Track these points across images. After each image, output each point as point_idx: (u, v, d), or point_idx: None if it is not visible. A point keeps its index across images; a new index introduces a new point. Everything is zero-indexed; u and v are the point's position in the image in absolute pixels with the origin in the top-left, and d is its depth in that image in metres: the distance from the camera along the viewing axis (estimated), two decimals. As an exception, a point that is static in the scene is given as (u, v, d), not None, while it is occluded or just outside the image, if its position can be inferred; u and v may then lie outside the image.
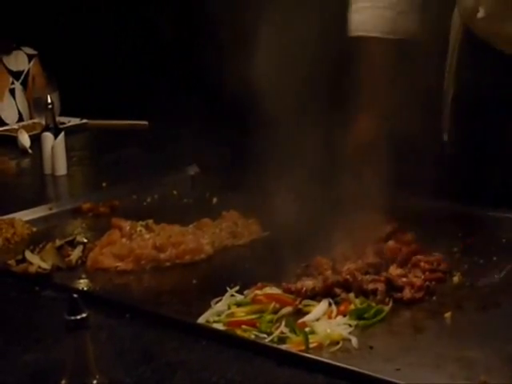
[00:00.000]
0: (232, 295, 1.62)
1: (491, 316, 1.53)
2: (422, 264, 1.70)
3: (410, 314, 1.55)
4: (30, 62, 3.62)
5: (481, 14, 1.96)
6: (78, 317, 1.16)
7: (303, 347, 1.41)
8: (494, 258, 1.78)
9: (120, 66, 3.69)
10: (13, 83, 3.60)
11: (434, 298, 1.61)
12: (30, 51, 3.63)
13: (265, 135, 1.93)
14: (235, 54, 2.04)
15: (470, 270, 1.72)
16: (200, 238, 1.91)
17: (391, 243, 1.79)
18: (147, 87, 3.55)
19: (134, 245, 1.88)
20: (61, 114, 3.43)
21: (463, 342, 1.42)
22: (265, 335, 1.46)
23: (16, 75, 3.60)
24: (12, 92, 3.59)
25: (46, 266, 1.82)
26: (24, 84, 3.61)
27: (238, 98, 2.14)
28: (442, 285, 1.67)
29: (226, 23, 2.12)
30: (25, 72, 3.61)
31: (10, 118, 3.55)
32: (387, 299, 1.58)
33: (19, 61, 3.61)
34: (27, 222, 2.15)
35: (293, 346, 1.42)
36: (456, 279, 1.68)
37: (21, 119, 3.57)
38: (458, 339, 1.43)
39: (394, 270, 1.67)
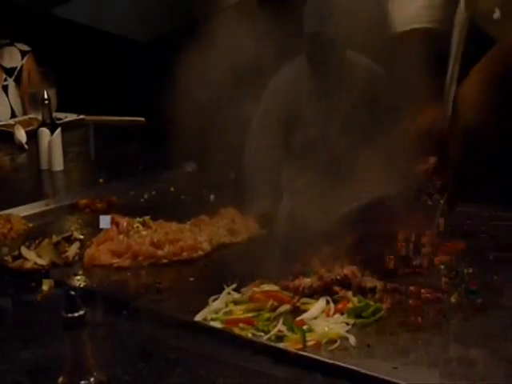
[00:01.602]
0: (229, 293, 1.62)
1: (490, 316, 1.52)
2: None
3: (408, 312, 1.54)
4: (23, 58, 3.59)
5: (497, 14, 1.95)
6: (76, 314, 1.16)
7: (301, 345, 1.41)
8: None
9: (118, 62, 3.68)
10: (6, 80, 3.58)
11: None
12: (24, 47, 3.61)
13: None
14: (234, 51, 2.04)
15: (470, 269, 1.72)
16: (197, 236, 1.91)
17: None
18: (144, 83, 3.54)
19: (132, 241, 1.87)
20: (58, 110, 3.42)
21: (461, 341, 1.42)
22: (262, 333, 1.46)
23: (9, 72, 3.58)
24: (5, 89, 3.57)
25: (42, 262, 1.81)
26: (17, 81, 3.59)
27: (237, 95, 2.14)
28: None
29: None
30: (18, 68, 3.59)
31: (3, 114, 3.52)
32: (385, 298, 1.58)
33: (13, 57, 3.59)
34: (24, 217, 2.14)
35: (290, 344, 1.41)
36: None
37: (13, 116, 3.54)
38: (457, 339, 1.43)
39: None
